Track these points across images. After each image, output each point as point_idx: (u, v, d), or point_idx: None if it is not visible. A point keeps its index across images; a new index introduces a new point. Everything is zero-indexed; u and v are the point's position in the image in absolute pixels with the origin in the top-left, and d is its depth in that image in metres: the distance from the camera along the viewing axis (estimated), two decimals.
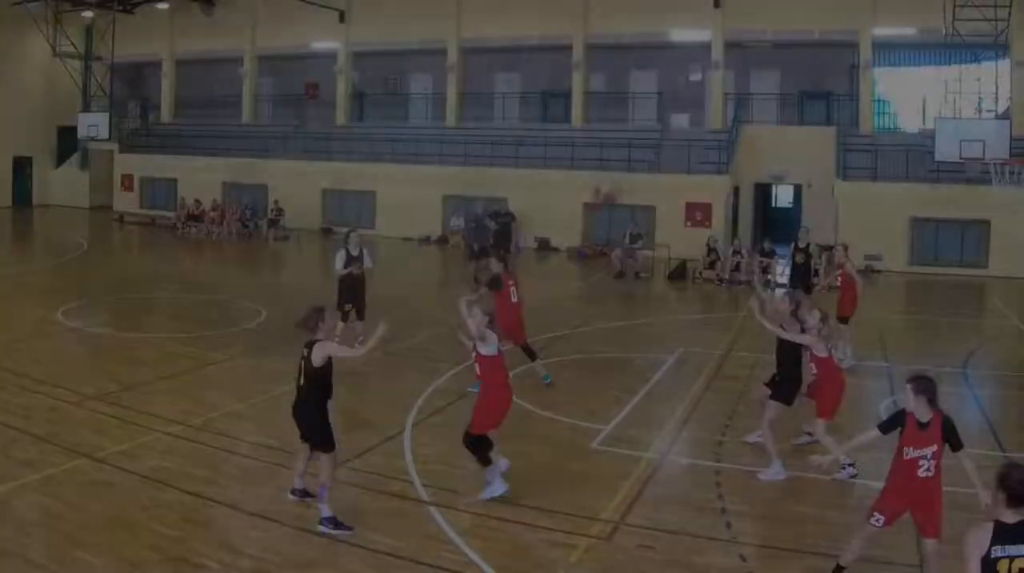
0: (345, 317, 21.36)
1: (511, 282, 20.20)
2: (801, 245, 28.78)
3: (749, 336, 23.55)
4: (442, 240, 50.27)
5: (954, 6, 37.84)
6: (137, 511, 12.42)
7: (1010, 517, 7.37)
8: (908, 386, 10.81)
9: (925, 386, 10.82)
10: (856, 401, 18.91)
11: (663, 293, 35.89)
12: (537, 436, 16.32)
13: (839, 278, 23.43)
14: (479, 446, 13.46)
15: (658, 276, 38.97)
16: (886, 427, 11.25)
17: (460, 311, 13.91)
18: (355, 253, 21.95)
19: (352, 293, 21.90)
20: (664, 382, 20.87)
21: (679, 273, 38.58)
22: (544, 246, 46.77)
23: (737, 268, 37.67)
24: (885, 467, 11.29)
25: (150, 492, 13.13)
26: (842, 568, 11.06)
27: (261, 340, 23.75)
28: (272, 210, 51.34)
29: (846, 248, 24.33)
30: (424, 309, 27.48)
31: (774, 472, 14.62)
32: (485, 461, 13.46)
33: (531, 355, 20.11)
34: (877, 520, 10.86)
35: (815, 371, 15.32)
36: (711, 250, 38.67)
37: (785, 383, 15.31)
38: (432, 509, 12.90)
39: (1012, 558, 7.26)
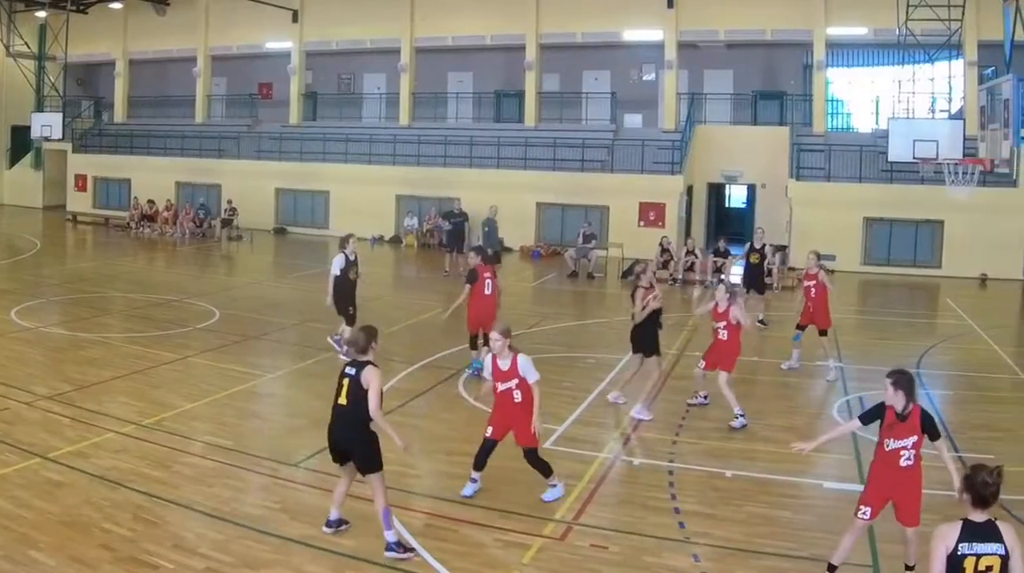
0: (351, 320, 21.61)
1: (487, 274, 20.60)
2: (756, 246, 28.81)
3: (702, 336, 23.62)
4: (395, 240, 50.29)
5: (907, 6, 37.95)
6: (90, 511, 12.39)
7: (978, 516, 7.58)
8: (887, 380, 11.13)
9: (903, 380, 11.20)
10: (811, 400, 19.04)
11: (616, 293, 35.74)
12: None
13: (814, 288, 22.75)
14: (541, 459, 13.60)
15: (611, 276, 39.05)
16: (867, 418, 11.57)
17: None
18: (353, 258, 22.03)
19: (352, 297, 22.00)
20: (617, 382, 20.60)
21: (632, 273, 38.28)
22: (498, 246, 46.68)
23: (691, 268, 37.76)
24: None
25: (103, 492, 13.09)
26: (834, 567, 11.17)
27: (214, 340, 23.74)
28: (225, 210, 51.08)
29: (818, 256, 23.89)
30: (378, 309, 27.48)
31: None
32: (548, 471, 13.59)
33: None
34: (864, 513, 11.09)
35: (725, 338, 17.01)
36: (664, 250, 38.60)
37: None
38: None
39: (979, 556, 7.43)
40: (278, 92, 60.08)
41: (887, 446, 11.22)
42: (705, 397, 18.57)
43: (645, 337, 18.53)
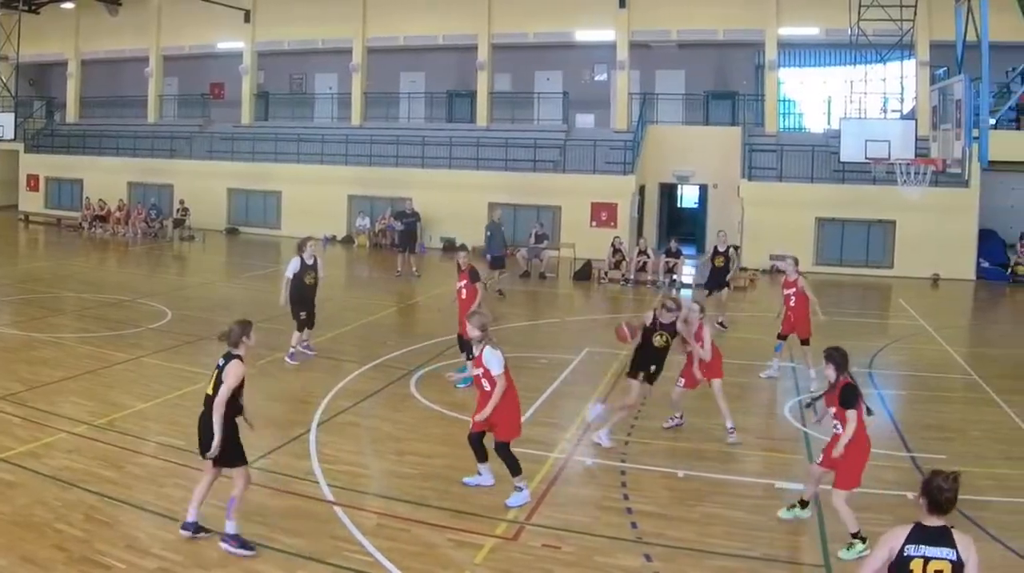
0: (301, 326, 21.50)
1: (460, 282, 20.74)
2: (720, 249, 28.77)
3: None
4: (348, 240, 50.23)
5: (859, 6, 38.03)
6: (42, 511, 12.33)
7: (932, 521, 7.62)
8: (823, 355, 12.28)
9: (835, 355, 12.64)
10: (763, 401, 19.09)
11: (568, 293, 35.89)
12: (443, 436, 16.33)
13: (794, 296, 22.32)
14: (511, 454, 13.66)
15: (563, 276, 39.11)
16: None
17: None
18: (310, 262, 21.73)
19: (308, 302, 21.77)
20: (570, 382, 20.93)
21: (584, 273, 38.64)
22: (450, 246, 46.48)
23: (643, 268, 37.80)
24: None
25: (55, 492, 13.03)
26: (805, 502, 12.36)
27: (166, 340, 23.66)
28: (178, 210, 50.99)
29: (796, 262, 23.39)
30: (330, 309, 27.42)
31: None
32: (516, 469, 13.54)
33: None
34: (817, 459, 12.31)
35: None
36: (616, 250, 38.74)
37: None
38: (338, 509, 12.90)
39: (928, 559, 7.45)
40: (230, 92, 59.85)
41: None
42: (680, 417, 17.75)
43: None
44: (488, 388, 13.43)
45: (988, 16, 25.42)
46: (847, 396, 12.25)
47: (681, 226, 51.46)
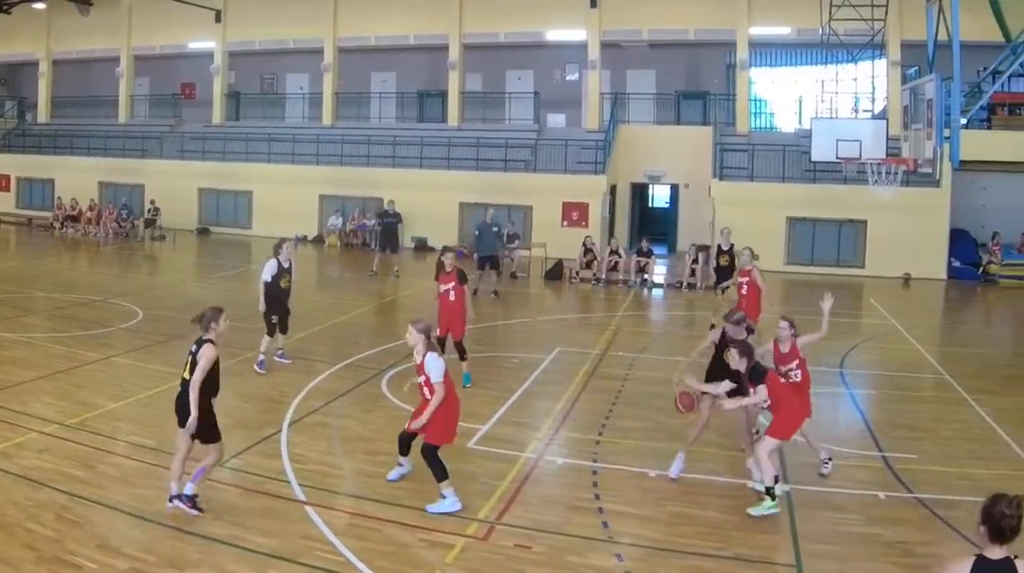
0: (272, 331, 21.30)
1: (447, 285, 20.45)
2: (724, 247, 28.68)
3: (625, 336, 23.67)
4: (319, 240, 50.20)
5: (830, 6, 38.12)
6: (13, 511, 12.27)
7: (996, 553, 7.09)
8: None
9: (743, 349, 13.51)
10: None
11: (540, 293, 35.88)
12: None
13: (746, 285, 23.27)
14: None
15: (535, 276, 39.08)
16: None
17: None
18: (286, 265, 21.60)
19: (281, 305, 21.61)
20: (541, 382, 20.90)
21: (556, 273, 38.63)
22: (421, 246, 46.69)
23: (614, 268, 37.80)
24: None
25: (26, 491, 12.97)
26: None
27: (137, 340, 23.59)
28: (149, 210, 50.87)
29: (752, 252, 24.21)
30: (299, 309, 27.36)
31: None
32: (442, 475, 13.25)
33: (462, 352, 20.27)
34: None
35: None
36: (587, 250, 38.71)
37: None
38: (309, 509, 12.87)
39: None
40: (201, 92, 59.86)
41: None
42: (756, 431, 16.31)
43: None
44: (428, 396, 13.28)
45: (959, 16, 25.55)
46: (755, 373, 13.30)
47: (652, 226, 51.59)
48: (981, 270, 40.76)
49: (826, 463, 14.94)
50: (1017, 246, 41.29)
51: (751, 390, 13.41)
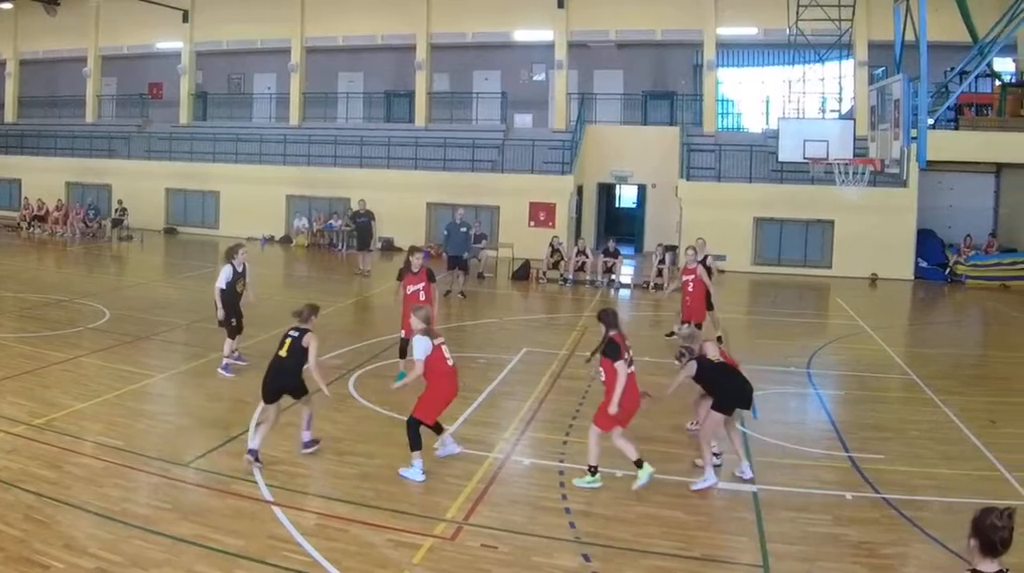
0: (233, 333, 21.25)
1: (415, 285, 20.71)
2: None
3: (592, 336, 23.61)
4: (286, 240, 50.15)
5: (798, 6, 38.29)
6: None
7: (989, 567, 7.02)
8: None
9: (602, 313, 14.51)
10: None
11: (507, 293, 35.80)
12: (380, 436, 16.32)
13: (692, 283, 23.56)
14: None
15: (501, 276, 39.04)
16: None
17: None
18: (240, 270, 21.59)
19: (237, 309, 21.57)
20: (508, 382, 20.93)
21: (523, 273, 38.61)
22: (388, 246, 46.61)
23: (581, 268, 37.72)
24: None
25: None
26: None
27: (105, 340, 23.45)
28: (116, 210, 50.68)
29: (695, 251, 24.84)
30: (267, 309, 27.31)
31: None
32: (415, 445, 14.38)
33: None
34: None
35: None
36: (555, 250, 38.72)
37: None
38: (277, 509, 12.85)
39: None
40: (168, 92, 59.84)
41: None
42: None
43: None
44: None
45: (926, 16, 25.58)
46: (609, 349, 13.89)
47: (619, 226, 51.58)
48: (948, 271, 40.86)
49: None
50: (984, 247, 41.41)
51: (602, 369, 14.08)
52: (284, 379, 15.00)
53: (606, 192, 52.51)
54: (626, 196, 55.42)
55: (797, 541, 12.37)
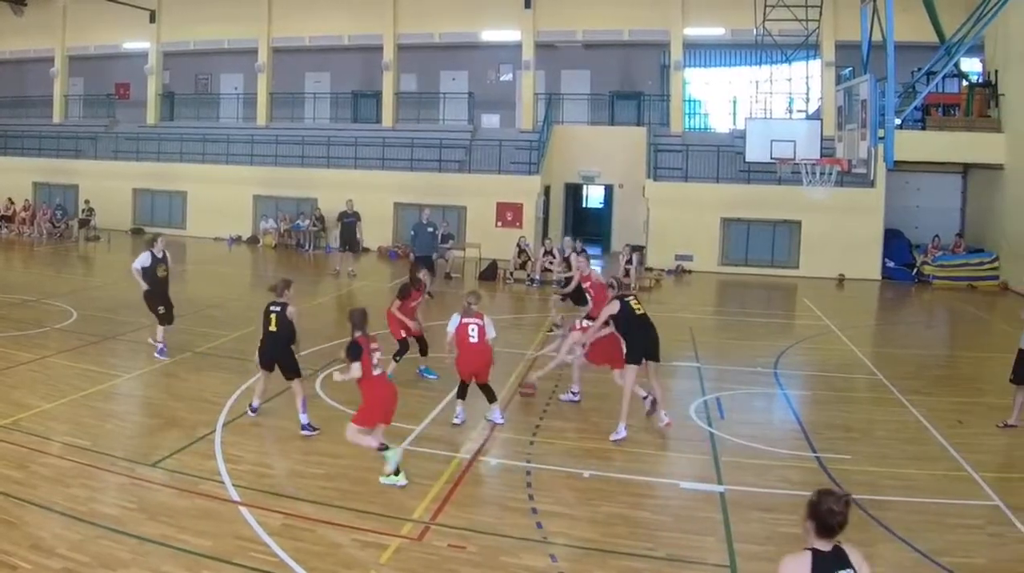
0: (163, 321, 21.63)
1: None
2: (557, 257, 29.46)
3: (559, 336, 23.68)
4: (253, 240, 50.11)
5: (765, 7, 38.35)
6: None
7: (825, 545, 7.26)
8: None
9: (351, 314, 15.06)
10: (668, 401, 19.08)
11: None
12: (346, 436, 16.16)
13: (592, 289, 22.94)
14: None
15: (468, 276, 38.99)
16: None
17: None
18: (160, 256, 22.33)
19: (164, 295, 22.29)
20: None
21: (490, 273, 38.66)
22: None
23: (548, 268, 37.49)
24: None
25: None
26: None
27: (72, 340, 23.38)
28: (83, 210, 50.55)
29: (586, 255, 25.92)
30: (235, 309, 27.24)
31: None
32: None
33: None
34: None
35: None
36: (521, 251, 38.76)
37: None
38: (243, 509, 12.81)
39: None
40: (135, 92, 59.64)
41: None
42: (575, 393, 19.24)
43: None
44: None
45: (893, 16, 25.60)
46: (351, 349, 14.43)
47: (587, 226, 51.81)
48: (915, 271, 41.02)
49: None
50: (951, 247, 41.55)
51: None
52: (276, 352, 16.92)
53: (573, 192, 52.65)
54: (593, 196, 55.60)
55: (764, 541, 12.36)
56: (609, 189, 50.06)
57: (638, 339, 17.05)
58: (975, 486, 14.58)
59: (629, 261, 35.27)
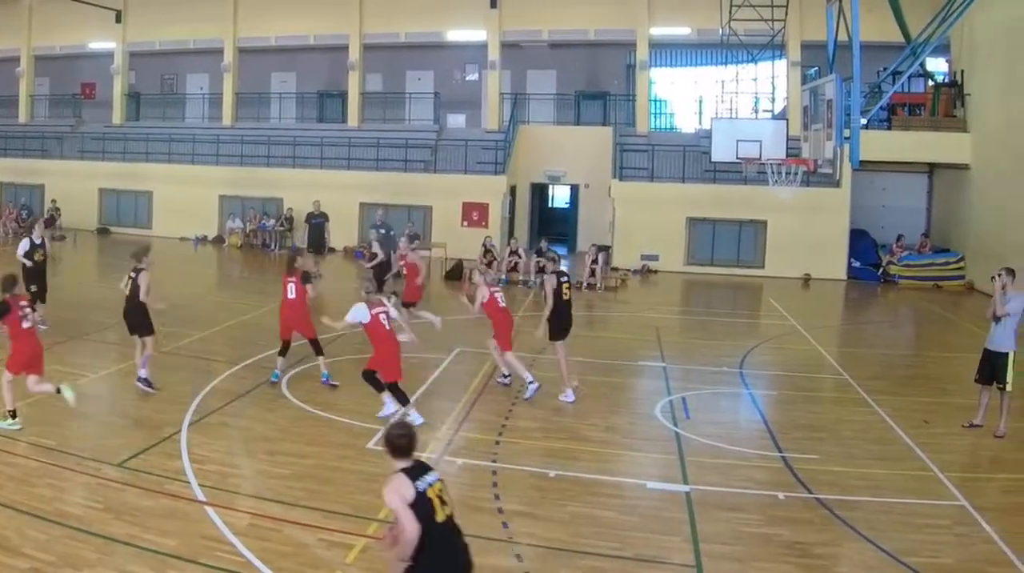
0: (32, 299, 21.55)
1: (289, 280, 20.72)
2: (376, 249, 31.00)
3: (524, 336, 23.64)
4: (219, 240, 49.96)
5: (731, 6, 38.41)
6: None
7: (406, 462, 8.72)
8: None
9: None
10: (633, 401, 19.12)
11: (440, 293, 35.54)
12: (313, 436, 16.29)
13: (404, 267, 25.65)
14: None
15: (435, 276, 38.75)
16: None
17: None
18: (38, 242, 24.15)
19: (39, 276, 24.33)
20: (441, 382, 20.96)
21: (456, 273, 38.62)
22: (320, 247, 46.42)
23: (514, 268, 37.84)
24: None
25: None
26: None
27: None
28: (49, 210, 50.31)
29: (409, 238, 28.43)
30: (200, 309, 27.19)
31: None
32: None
33: (318, 351, 20.51)
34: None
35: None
36: (487, 250, 38.70)
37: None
38: (209, 509, 12.77)
39: (431, 484, 8.62)
40: (101, 92, 59.55)
41: None
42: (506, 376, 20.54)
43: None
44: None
45: (859, 16, 25.64)
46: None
47: (553, 226, 51.52)
48: (881, 271, 41.15)
49: None
50: (916, 247, 41.71)
51: None
52: (128, 312, 18.98)
53: (539, 192, 52.45)
54: (559, 196, 55.39)
55: (730, 541, 12.40)
56: (575, 189, 49.98)
57: (563, 319, 19.82)
58: (941, 486, 14.63)
59: (595, 261, 35.34)
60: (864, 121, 30.00)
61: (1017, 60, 35.16)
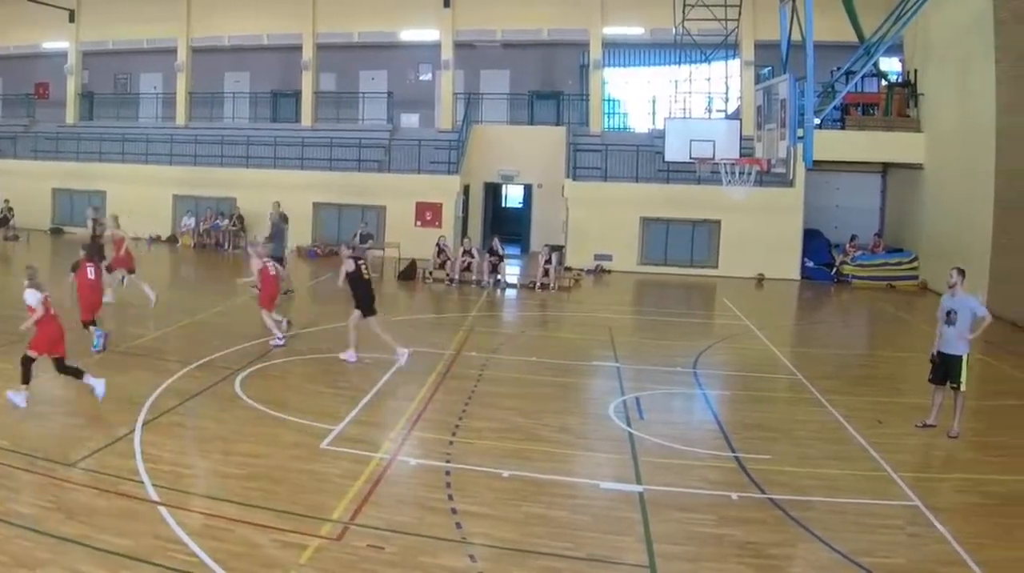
0: None
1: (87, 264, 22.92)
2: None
3: (478, 336, 23.63)
4: (172, 240, 49.87)
5: (684, 6, 38.54)
6: None
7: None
8: None
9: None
10: (586, 401, 19.13)
11: (393, 293, 35.48)
12: (266, 436, 16.20)
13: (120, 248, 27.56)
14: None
15: (388, 276, 38.73)
16: None
17: None
18: None
19: None
20: (394, 382, 20.81)
21: (409, 273, 38.53)
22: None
23: (467, 268, 37.69)
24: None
25: None
26: None
27: None
28: (2, 210, 50.06)
29: (116, 219, 31.05)
30: (154, 308, 27.05)
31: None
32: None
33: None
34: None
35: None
36: (441, 250, 38.57)
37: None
38: (163, 509, 12.68)
39: None
40: (55, 92, 59.35)
41: None
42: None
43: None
44: None
45: (813, 16, 25.75)
46: None
47: (506, 226, 51.54)
48: (834, 270, 41.35)
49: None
50: (870, 246, 41.91)
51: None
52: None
53: (493, 192, 52.56)
54: (512, 196, 55.68)
55: (683, 541, 12.39)
56: (528, 188, 50.13)
57: (364, 295, 22.64)
58: (894, 486, 14.67)
59: (548, 261, 35.40)
60: (818, 121, 30.12)
61: (971, 60, 35.34)
